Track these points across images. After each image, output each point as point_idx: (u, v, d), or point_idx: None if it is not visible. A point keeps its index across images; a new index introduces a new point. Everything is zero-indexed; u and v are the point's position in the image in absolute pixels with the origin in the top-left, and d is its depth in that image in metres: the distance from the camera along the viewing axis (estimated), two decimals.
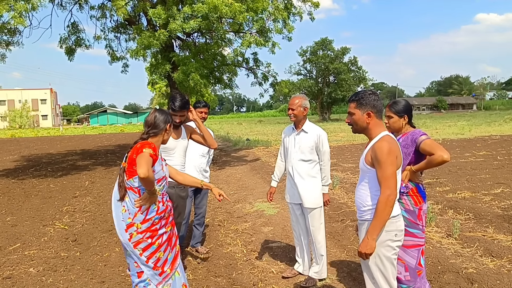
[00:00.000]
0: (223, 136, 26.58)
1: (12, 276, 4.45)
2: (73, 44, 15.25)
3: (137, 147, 2.82)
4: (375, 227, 2.52)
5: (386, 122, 3.29)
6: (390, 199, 2.49)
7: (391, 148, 2.54)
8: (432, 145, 3.08)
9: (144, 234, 2.83)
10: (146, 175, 2.63)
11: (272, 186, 4.35)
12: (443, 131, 24.25)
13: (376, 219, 2.52)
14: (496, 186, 7.82)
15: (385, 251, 2.62)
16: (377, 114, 2.67)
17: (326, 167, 4.04)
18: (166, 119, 3.03)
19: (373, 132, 2.68)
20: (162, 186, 2.96)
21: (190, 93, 14.47)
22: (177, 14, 11.57)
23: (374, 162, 2.58)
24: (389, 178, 2.50)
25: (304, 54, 59.24)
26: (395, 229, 2.64)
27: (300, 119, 4.00)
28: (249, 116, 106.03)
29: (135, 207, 2.83)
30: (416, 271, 3.14)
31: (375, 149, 2.58)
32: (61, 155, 18.71)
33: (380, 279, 2.64)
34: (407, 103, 3.29)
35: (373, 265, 2.65)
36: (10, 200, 8.54)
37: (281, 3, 14.32)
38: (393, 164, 2.52)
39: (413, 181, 3.18)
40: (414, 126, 3.32)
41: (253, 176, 10.73)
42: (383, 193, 2.50)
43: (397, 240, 2.66)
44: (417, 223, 3.16)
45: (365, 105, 2.67)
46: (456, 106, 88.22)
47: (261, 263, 4.72)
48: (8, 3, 9.78)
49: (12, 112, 72.14)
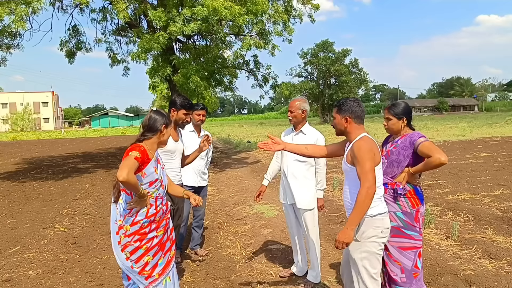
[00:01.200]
0: (224, 138, 26.60)
1: (12, 278, 4.46)
2: (73, 47, 15.28)
3: (128, 150, 2.80)
4: (354, 218, 2.67)
5: (385, 124, 3.33)
6: (369, 192, 2.64)
7: (369, 146, 2.74)
8: (430, 147, 3.08)
9: (132, 237, 2.79)
10: (124, 179, 2.58)
11: (263, 184, 4.35)
12: (444, 132, 24.22)
13: (355, 210, 2.66)
14: (496, 187, 7.81)
15: (372, 247, 2.77)
16: (355, 120, 2.87)
17: (321, 172, 4.02)
18: (161, 120, 2.95)
19: (352, 135, 2.89)
20: (156, 189, 2.89)
21: (191, 96, 14.50)
22: (177, 17, 11.61)
23: (353, 160, 2.77)
24: (368, 173, 2.66)
25: (305, 56, 59.27)
26: (382, 226, 2.80)
27: (299, 121, 4.00)
28: (250, 118, 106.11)
29: (126, 209, 2.81)
30: (412, 273, 3.15)
31: (353, 148, 2.78)
32: (62, 157, 18.75)
33: (365, 274, 2.79)
34: (406, 105, 3.30)
35: (359, 260, 2.79)
36: (10, 203, 8.56)
37: (281, 5, 14.37)
38: (370, 160, 2.70)
39: (411, 183, 3.18)
40: (413, 128, 3.32)
41: (254, 178, 10.73)
42: (362, 186, 2.66)
43: (383, 237, 2.82)
44: (414, 225, 3.16)
45: (344, 111, 2.89)
46: (458, 107, 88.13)
47: (260, 265, 4.72)
48: (9, 7, 9.83)
49: (13, 115, 72.27)
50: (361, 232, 2.78)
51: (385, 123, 3.33)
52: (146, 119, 2.98)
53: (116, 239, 2.84)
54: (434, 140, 19.18)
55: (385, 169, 3.19)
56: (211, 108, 32.48)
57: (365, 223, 2.77)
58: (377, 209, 2.78)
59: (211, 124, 72.89)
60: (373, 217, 2.77)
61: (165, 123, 2.96)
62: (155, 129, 2.92)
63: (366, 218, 2.75)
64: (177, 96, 4.10)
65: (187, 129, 4.90)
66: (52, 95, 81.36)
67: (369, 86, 59.62)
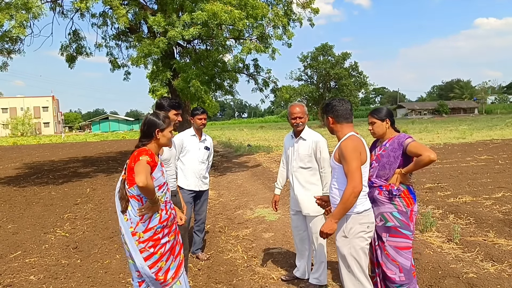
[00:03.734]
0: (225, 142, 26.61)
1: (13, 284, 4.45)
2: (74, 52, 15.32)
3: (134, 155, 2.78)
4: (338, 212, 2.86)
5: (370, 129, 3.48)
6: (355, 191, 2.78)
7: (355, 145, 2.88)
8: (418, 146, 3.20)
9: (146, 244, 2.79)
10: (144, 183, 2.58)
11: (275, 194, 4.37)
12: (444, 135, 24.22)
13: (340, 206, 2.83)
14: (497, 190, 7.81)
15: (360, 241, 2.92)
16: (338, 119, 3.04)
17: (327, 174, 3.96)
18: (154, 125, 2.89)
19: (340, 133, 3.05)
20: (164, 193, 2.90)
21: (191, 100, 14.52)
22: (176, 22, 11.64)
23: (340, 158, 2.90)
24: (354, 172, 2.80)
25: (304, 59, 59.36)
26: (367, 222, 2.96)
27: (304, 126, 4.04)
28: (250, 122, 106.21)
29: (137, 216, 2.79)
30: (411, 272, 3.23)
31: (341, 147, 2.91)
32: (63, 162, 18.75)
33: (355, 267, 2.93)
34: (387, 109, 3.50)
35: (349, 255, 2.93)
36: (11, 208, 8.55)
37: (281, 9, 14.41)
38: (357, 159, 2.83)
39: (404, 184, 3.27)
40: (398, 130, 3.47)
41: (254, 182, 10.73)
42: (349, 184, 2.80)
43: (370, 231, 2.99)
44: (409, 224, 3.25)
45: (327, 111, 3.10)
46: (458, 110, 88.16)
47: (261, 269, 4.72)
48: (9, 13, 9.86)
49: (14, 119, 72.42)
50: (348, 228, 2.92)
51: (370, 128, 3.48)
52: (142, 124, 2.95)
53: (132, 243, 2.83)
54: (435, 143, 19.18)
55: (378, 172, 3.29)
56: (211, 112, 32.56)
57: (352, 220, 2.92)
58: (362, 206, 2.94)
59: (212, 128, 72.94)
60: (359, 214, 2.92)
61: (159, 128, 2.89)
62: (149, 135, 2.89)
63: (353, 215, 2.91)
64: (162, 99, 3.97)
65: (188, 133, 4.91)
66: (53, 99, 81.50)
67: (369, 89, 59.65)
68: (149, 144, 2.89)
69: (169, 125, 2.97)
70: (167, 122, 2.96)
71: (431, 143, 19.16)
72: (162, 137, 2.91)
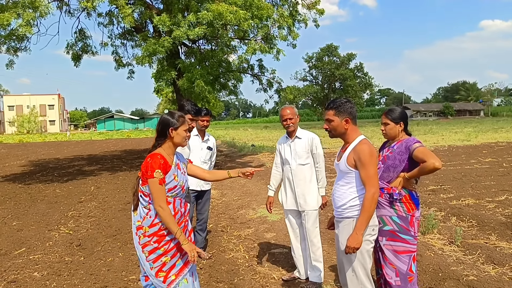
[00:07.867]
0: (229, 142, 26.63)
1: (17, 280, 4.51)
2: (79, 50, 15.43)
3: (147, 161, 2.80)
4: (362, 223, 2.77)
5: (382, 129, 3.40)
6: (375, 197, 2.75)
7: (372, 150, 2.81)
8: (425, 152, 3.13)
9: (151, 238, 2.83)
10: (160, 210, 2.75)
11: (269, 195, 4.43)
12: (449, 137, 24.13)
13: (363, 215, 2.76)
14: (501, 193, 7.79)
15: (365, 244, 2.86)
16: (353, 120, 2.93)
17: (321, 169, 4.20)
18: (168, 124, 2.91)
19: (350, 136, 2.94)
20: (174, 193, 2.92)
21: (195, 100, 14.58)
22: (182, 21, 11.69)
23: (357, 163, 2.82)
24: (373, 177, 2.77)
25: (309, 60, 59.41)
26: (373, 224, 2.89)
27: (296, 127, 4.21)
28: (255, 122, 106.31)
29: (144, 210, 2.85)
30: (407, 277, 3.18)
31: (358, 152, 2.82)
32: (68, 160, 18.87)
33: (361, 271, 2.89)
34: (403, 111, 3.37)
35: (355, 259, 2.88)
36: (16, 205, 8.64)
37: (286, 10, 14.45)
38: (374, 165, 2.79)
39: (406, 188, 3.21)
40: (409, 133, 3.38)
41: (257, 182, 10.75)
42: (368, 191, 2.75)
43: (374, 234, 2.93)
44: (409, 229, 3.19)
45: (343, 112, 2.91)
46: (463, 112, 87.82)
47: (263, 269, 4.74)
48: (16, 11, 9.95)
49: (20, 117, 72.85)
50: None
51: (382, 128, 3.40)
52: (157, 124, 2.99)
53: (136, 239, 2.89)
54: (439, 145, 19.13)
55: (382, 174, 3.24)
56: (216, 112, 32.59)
57: None
58: None
59: (216, 127, 72.98)
60: None
61: (174, 126, 2.91)
62: (164, 134, 2.92)
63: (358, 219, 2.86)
64: (186, 101, 4.25)
65: (191, 133, 4.95)
66: (58, 97, 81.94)
67: (374, 90, 59.62)
68: (164, 144, 2.92)
69: (183, 124, 2.97)
70: (181, 120, 2.96)
71: (436, 145, 19.11)
72: (176, 135, 2.92)
